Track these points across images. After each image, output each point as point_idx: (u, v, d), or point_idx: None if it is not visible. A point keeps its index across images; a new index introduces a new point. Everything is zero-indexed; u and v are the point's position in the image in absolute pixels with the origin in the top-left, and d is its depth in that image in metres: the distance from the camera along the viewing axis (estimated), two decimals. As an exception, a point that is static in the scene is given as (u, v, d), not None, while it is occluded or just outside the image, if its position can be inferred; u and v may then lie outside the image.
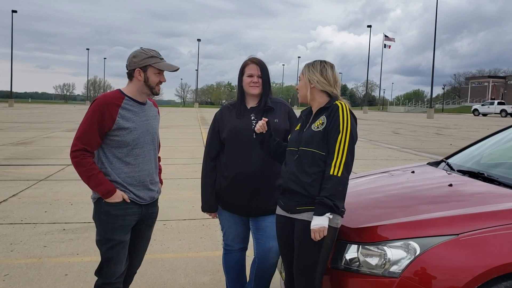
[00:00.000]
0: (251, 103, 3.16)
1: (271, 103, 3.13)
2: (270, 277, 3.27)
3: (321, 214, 2.49)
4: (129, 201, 2.80)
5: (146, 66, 2.78)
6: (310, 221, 2.55)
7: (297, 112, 3.08)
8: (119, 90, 2.88)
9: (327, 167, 2.55)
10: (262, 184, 3.06)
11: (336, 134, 2.57)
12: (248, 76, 3.10)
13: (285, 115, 3.16)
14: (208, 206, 3.23)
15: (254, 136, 3.00)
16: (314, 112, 2.76)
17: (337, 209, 2.50)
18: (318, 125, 2.65)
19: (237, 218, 3.19)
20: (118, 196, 2.76)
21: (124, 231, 2.82)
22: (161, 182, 3.14)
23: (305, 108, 2.90)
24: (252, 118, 3.10)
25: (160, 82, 2.86)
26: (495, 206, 2.61)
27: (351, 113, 2.64)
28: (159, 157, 3.15)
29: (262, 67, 3.12)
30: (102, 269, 2.85)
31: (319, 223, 2.48)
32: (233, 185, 3.08)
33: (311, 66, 2.74)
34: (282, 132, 3.09)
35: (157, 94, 2.90)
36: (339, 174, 2.52)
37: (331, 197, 2.48)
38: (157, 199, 3.06)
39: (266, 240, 3.13)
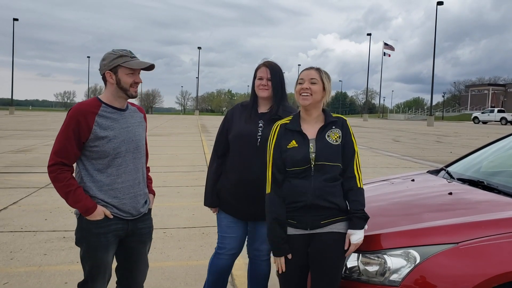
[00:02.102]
0: (262, 108, 3.12)
1: (282, 112, 3.00)
2: (265, 279, 3.27)
3: (363, 227, 2.52)
4: (112, 217, 2.63)
5: (116, 67, 2.61)
6: (340, 232, 2.53)
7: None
8: (96, 98, 2.70)
9: (352, 180, 2.58)
10: (263, 191, 3.04)
11: (352, 147, 2.62)
12: (258, 78, 3.07)
13: None
14: (211, 200, 3.21)
15: (258, 144, 2.99)
16: (315, 124, 2.65)
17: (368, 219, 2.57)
18: (335, 138, 2.60)
19: (236, 220, 3.18)
20: (99, 213, 2.60)
21: (106, 250, 2.66)
22: (153, 193, 2.98)
23: (284, 121, 2.72)
24: (260, 125, 3.05)
25: (136, 83, 2.66)
26: (495, 215, 2.61)
27: None
28: (148, 167, 2.99)
29: (272, 70, 3.05)
30: (86, 284, 2.74)
31: (361, 236, 2.51)
32: (234, 189, 3.08)
33: (326, 74, 2.70)
34: None
35: (133, 96, 2.69)
36: (363, 187, 2.60)
37: (365, 209, 2.54)
38: (148, 213, 2.87)
39: (259, 243, 3.17)
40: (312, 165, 2.55)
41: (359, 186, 2.57)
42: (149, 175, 3.01)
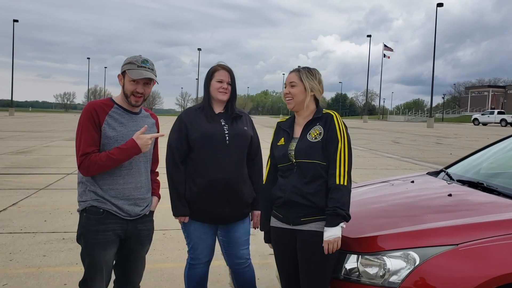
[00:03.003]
0: (217, 109, 3.12)
1: (238, 111, 3.15)
2: (253, 283, 3.27)
3: (336, 224, 2.47)
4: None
5: (124, 73, 2.71)
6: (318, 231, 2.55)
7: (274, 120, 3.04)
8: (110, 98, 2.77)
9: (331, 177, 2.55)
10: (235, 189, 3.04)
11: (335, 143, 2.57)
12: (218, 81, 3.06)
13: (250, 124, 3.23)
14: (183, 209, 3.05)
15: (227, 142, 3.01)
16: (303, 122, 2.72)
17: (349, 218, 2.52)
18: (315, 135, 2.63)
19: (207, 228, 3.12)
20: (146, 136, 2.63)
21: (104, 248, 2.65)
22: (158, 197, 3.00)
23: (282, 120, 2.87)
24: (223, 123, 3.07)
25: (137, 93, 2.68)
26: (494, 216, 2.61)
27: (343, 122, 2.68)
28: (157, 172, 3.01)
29: (232, 74, 3.11)
30: (85, 282, 2.74)
31: (334, 233, 2.47)
32: (206, 192, 3.00)
33: (309, 73, 2.71)
34: (249, 138, 3.14)
35: (134, 105, 2.71)
36: (345, 183, 2.53)
37: (343, 206, 2.49)
38: (149, 215, 2.89)
39: (237, 250, 3.17)
40: (294, 163, 2.64)
41: (338, 182, 2.51)
42: (157, 179, 3.01)
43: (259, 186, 3.18)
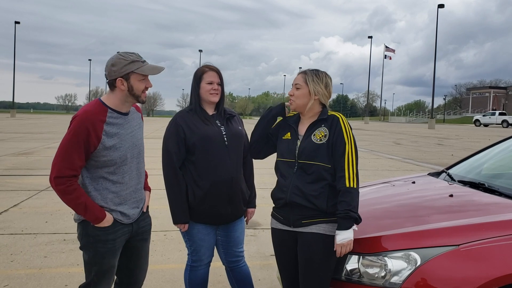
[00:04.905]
0: (209, 111, 3.10)
1: (229, 111, 3.16)
2: (250, 278, 3.28)
3: (348, 227, 2.47)
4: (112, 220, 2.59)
5: (128, 74, 2.50)
6: (319, 233, 2.55)
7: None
8: (99, 101, 2.56)
9: (340, 180, 2.53)
10: (237, 188, 3.06)
11: (343, 146, 2.56)
12: (208, 83, 3.02)
13: (242, 123, 3.22)
14: (184, 216, 3.01)
15: (226, 143, 3.00)
16: (308, 122, 2.72)
17: (360, 220, 2.51)
18: (320, 137, 2.61)
19: (209, 229, 3.12)
20: (108, 220, 2.56)
21: (114, 255, 2.65)
22: (149, 190, 2.94)
23: (289, 114, 2.85)
24: (219, 125, 3.06)
25: (146, 88, 2.59)
26: (495, 217, 2.61)
27: (349, 123, 2.67)
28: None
29: (220, 75, 3.08)
30: (89, 287, 2.69)
31: (347, 236, 2.46)
32: (211, 194, 2.99)
33: (315, 76, 2.67)
34: (244, 137, 3.15)
35: (144, 102, 2.62)
36: (355, 186, 2.52)
37: (354, 209, 2.48)
38: (146, 211, 2.87)
39: (236, 248, 3.20)
40: (296, 161, 2.63)
41: (348, 185, 2.50)
42: (145, 170, 2.94)
43: (252, 183, 3.26)
